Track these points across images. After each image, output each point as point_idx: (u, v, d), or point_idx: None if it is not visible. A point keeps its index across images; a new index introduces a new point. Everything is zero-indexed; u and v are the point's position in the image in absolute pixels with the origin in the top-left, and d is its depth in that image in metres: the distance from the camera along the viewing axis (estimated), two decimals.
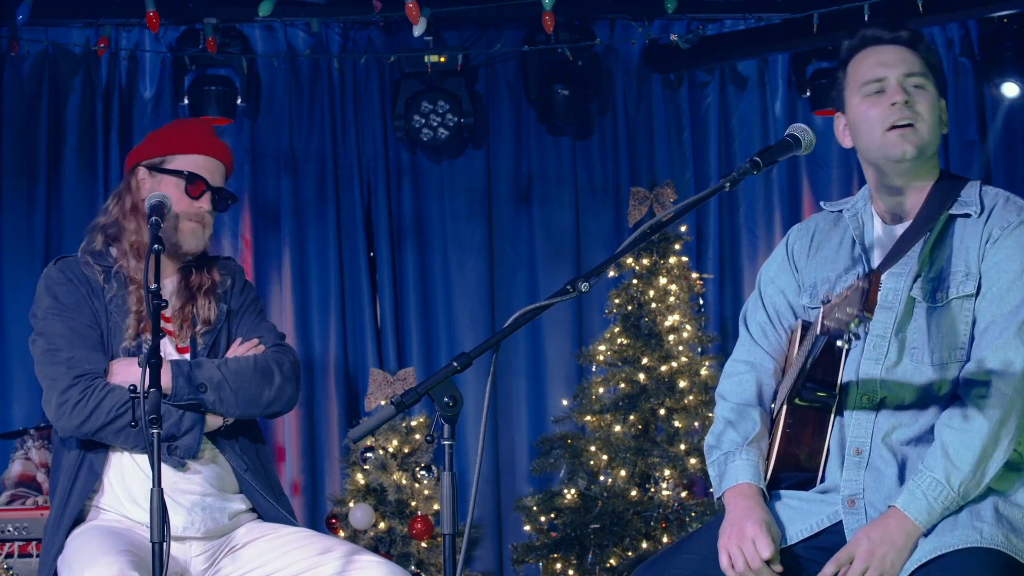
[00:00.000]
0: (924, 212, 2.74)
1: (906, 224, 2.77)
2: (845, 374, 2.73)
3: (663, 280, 6.23)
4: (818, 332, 2.59)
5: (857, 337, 2.46)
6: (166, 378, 3.14)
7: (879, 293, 2.66)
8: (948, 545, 2.56)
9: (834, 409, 2.73)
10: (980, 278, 2.67)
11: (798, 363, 2.74)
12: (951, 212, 2.73)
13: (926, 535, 2.59)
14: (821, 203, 3.01)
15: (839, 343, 2.51)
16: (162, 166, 3.36)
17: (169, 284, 3.37)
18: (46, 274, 3.34)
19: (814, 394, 2.73)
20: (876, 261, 2.79)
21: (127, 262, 3.32)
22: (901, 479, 2.67)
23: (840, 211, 2.92)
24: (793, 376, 2.75)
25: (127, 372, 3.16)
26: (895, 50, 2.78)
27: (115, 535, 3.12)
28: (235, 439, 3.34)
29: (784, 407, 2.78)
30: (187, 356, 3.33)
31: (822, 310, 2.59)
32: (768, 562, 2.65)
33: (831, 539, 2.71)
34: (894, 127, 2.73)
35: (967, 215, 2.72)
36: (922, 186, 2.77)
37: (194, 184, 3.33)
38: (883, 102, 2.74)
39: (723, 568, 2.68)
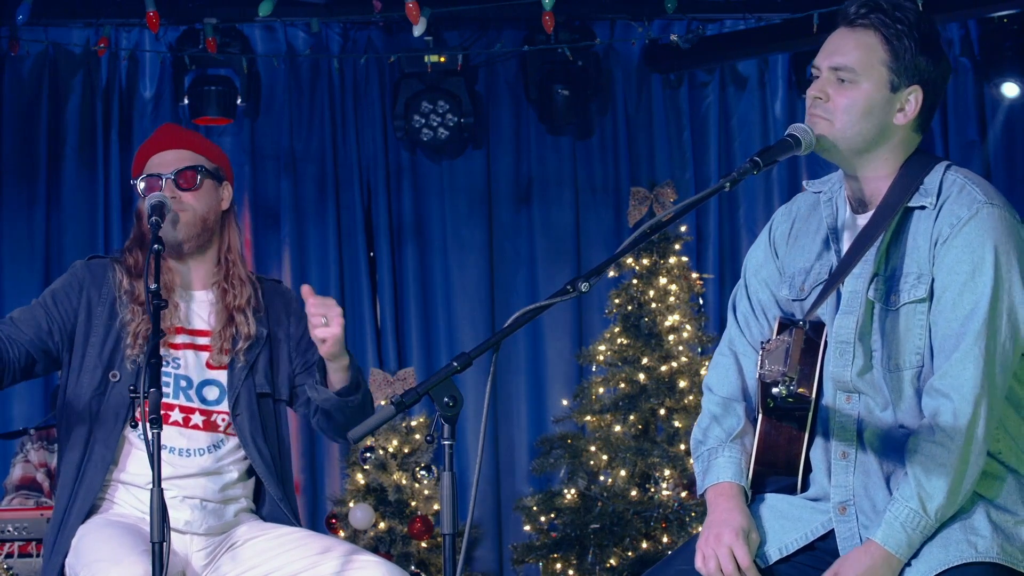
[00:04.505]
0: (885, 202, 2.65)
1: (868, 214, 2.67)
2: (822, 373, 2.69)
3: (663, 280, 6.23)
4: (756, 375, 2.56)
5: (790, 393, 2.44)
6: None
7: (843, 297, 2.64)
8: (944, 562, 2.53)
9: (812, 410, 2.69)
10: (932, 281, 2.59)
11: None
12: (908, 204, 2.63)
13: (916, 554, 2.56)
14: (804, 183, 2.88)
15: (774, 391, 2.48)
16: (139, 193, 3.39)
17: (203, 297, 3.36)
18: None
19: (785, 400, 2.67)
20: (846, 249, 2.71)
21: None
22: (890, 488, 2.63)
23: (819, 193, 2.82)
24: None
25: None
26: (847, 35, 2.65)
27: (135, 533, 3.11)
28: (267, 449, 3.33)
29: (760, 414, 2.74)
30: (224, 373, 3.32)
31: (760, 353, 2.56)
32: (744, 571, 2.63)
33: (820, 554, 2.68)
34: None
35: (923, 207, 2.62)
36: (878, 176, 2.67)
37: (147, 188, 3.33)
38: (811, 91, 2.68)
39: (697, 567, 2.66)
